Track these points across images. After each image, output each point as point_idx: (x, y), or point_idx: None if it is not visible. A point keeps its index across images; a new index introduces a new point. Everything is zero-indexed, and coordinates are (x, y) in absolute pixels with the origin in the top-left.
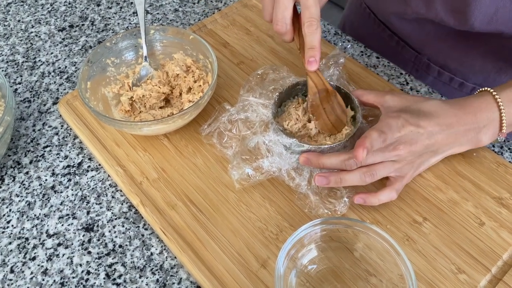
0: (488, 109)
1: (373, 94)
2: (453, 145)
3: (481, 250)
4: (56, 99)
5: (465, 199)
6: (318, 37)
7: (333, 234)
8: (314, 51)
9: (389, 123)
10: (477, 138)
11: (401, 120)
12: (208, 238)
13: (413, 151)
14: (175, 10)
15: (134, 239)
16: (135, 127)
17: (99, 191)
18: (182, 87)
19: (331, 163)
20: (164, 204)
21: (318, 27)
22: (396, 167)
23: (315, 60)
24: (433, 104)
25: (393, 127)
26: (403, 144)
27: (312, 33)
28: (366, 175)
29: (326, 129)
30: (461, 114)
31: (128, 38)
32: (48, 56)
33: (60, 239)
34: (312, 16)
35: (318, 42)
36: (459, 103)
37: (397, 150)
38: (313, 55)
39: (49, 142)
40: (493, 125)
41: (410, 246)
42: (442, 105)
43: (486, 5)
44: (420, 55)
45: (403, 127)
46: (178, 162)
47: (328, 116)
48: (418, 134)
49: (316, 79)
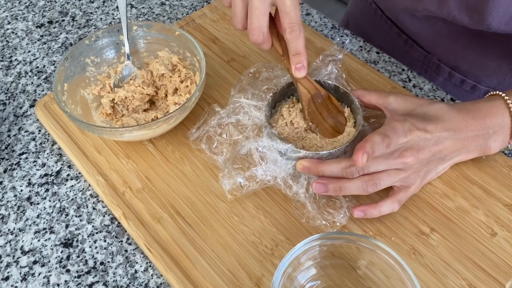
0: (499, 114)
1: (375, 94)
2: (461, 151)
3: (493, 263)
4: (34, 101)
5: (475, 206)
6: (302, 42)
7: (335, 250)
8: (300, 56)
9: (394, 127)
10: (486, 145)
11: (407, 124)
12: (197, 254)
13: (421, 158)
14: (161, 3)
15: (117, 255)
16: (115, 133)
17: (79, 202)
18: (168, 87)
19: (331, 171)
20: (148, 216)
21: (300, 31)
22: (401, 176)
23: (302, 66)
24: (439, 107)
25: (398, 131)
26: (410, 151)
27: (296, 39)
28: (368, 184)
29: (328, 134)
30: (469, 119)
31: (109, 35)
32: (25, 54)
33: (36, 256)
34: (293, 21)
35: (303, 47)
36: (467, 107)
37: (403, 158)
38: (299, 61)
39: (25, 148)
40: (503, 131)
41: (417, 260)
42: (449, 109)
43: (505, 4)
44: (429, 55)
45: (410, 132)
46: (164, 170)
47: (326, 121)
48: (425, 140)
49: (307, 84)
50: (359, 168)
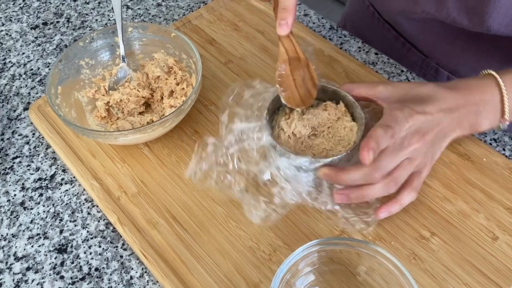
0: (488, 91)
1: (363, 87)
2: (457, 128)
3: (495, 268)
4: (28, 104)
5: (475, 210)
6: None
7: (334, 256)
8: (286, 12)
9: (395, 115)
10: (477, 121)
11: (406, 109)
12: (193, 260)
13: (427, 141)
14: (158, 4)
15: (112, 261)
16: (110, 137)
17: (74, 206)
18: (164, 90)
19: (354, 180)
20: (144, 222)
21: None
22: (414, 165)
23: (286, 23)
24: (430, 88)
25: (399, 119)
26: (416, 136)
27: None
28: (390, 186)
29: (293, 102)
30: (459, 96)
31: (104, 37)
32: (19, 56)
33: (30, 262)
34: None
35: (293, 4)
36: (457, 85)
37: (412, 145)
38: (284, 18)
39: (19, 152)
40: (493, 109)
41: (417, 265)
42: (440, 88)
43: (506, 6)
44: (428, 59)
45: (411, 117)
46: (160, 173)
47: (298, 89)
48: (427, 121)
49: (288, 44)
50: (383, 172)
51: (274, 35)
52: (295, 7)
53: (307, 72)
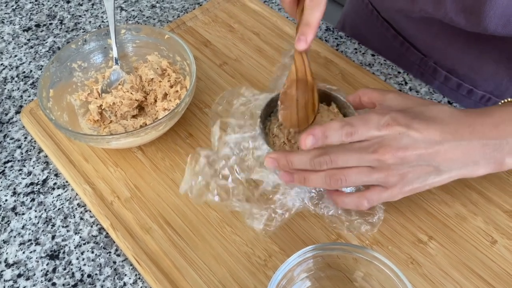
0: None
1: (376, 92)
2: (464, 163)
3: (493, 272)
4: (20, 107)
5: (473, 213)
6: (317, 15)
7: (331, 261)
8: (308, 28)
9: (367, 118)
10: (499, 158)
11: (386, 117)
12: (187, 266)
13: (401, 157)
14: (152, 6)
15: (105, 267)
16: (102, 141)
17: (66, 212)
18: (157, 93)
19: (300, 160)
20: (137, 227)
21: (321, 3)
22: (374, 177)
23: (305, 39)
24: (442, 109)
25: (370, 123)
26: (387, 148)
27: (313, 8)
28: (332, 179)
29: (289, 123)
30: (477, 124)
31: (97, 39)
32: (12, 59)
33: (21, 269)
34: None
35: (316, 21)
36: (476, 112)
37: (377, 154)
38: (304, 33)
39: (11, 156)
40: None
41: (415, 269)
42: (454, 112)
43: (503, 6)
44: (426, 58)
45: (387, 126)
46: (153, 178)
47: (298, 110)
48: (409, 138)
49: (300, 64)
50: (327, 159)
51: (270, 36)
52: (318, 24)
53: (311, 96)
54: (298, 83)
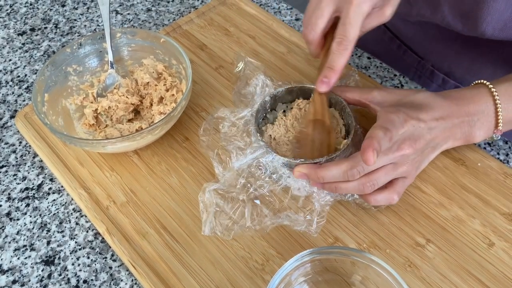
0: (482, 101)
1: (357, 91)
2: (449, 139)
3: (491, 275)
4: (14, 112)
5: (471, 216)
6: (343, 60)
7: (328, 265)
8: (331, 72)
9: (391, 119)
10: (471, 133)
11: (401, 114)
12: (184, 270)
13: (417, 148)
14: (147, 9)
15: (101, 273)
16: (97, 146)
17: (62, 217)
18: (153, 96)
19: (333, 176)
20: (133, 232)
21: (347, 49)
22: (398, 172)
23: (328, 82)
24: (424, 96)
25: (395, 123)
26: (407, 142)
27: (339, 53)
28: (365, 186)
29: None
30: (453, 105)
31: (92, 43)
32: (6, 63)
33: (16, 275)
34: (346, 35)
35: (341, 66)
36: (451, 95)
37: (401, 150)
38: (328, 76)
39: (5, 161)
40: (487, 119)
41: (412, 273)
42: (434, 97)
43: (500, 10)
44: (423, 61)
45: (406, 122)
46: (149, 182)
47: (312, 151)
48: (419, 129)
49: (319, 106)
50: (360, 169)
51: (265, 40)
52: (342, 69)
53: (326, 138)
54: (315, 124)
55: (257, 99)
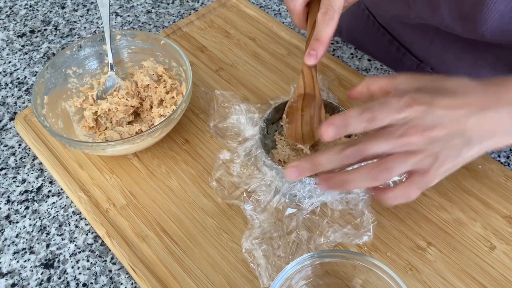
0: None
1: (385, 78)
2: (494, 132)
3: (493, 278)
4: (14, 114)
5: (472, 219)
6: (329, 31)
7: (329, 268)
8: (318, 43)
9: (386, 101)
10: None
11: (406, 98)
12: (184, 274)
13: (432, 137)
14: (147, 11)
15: (101, 276)
16: (97, 148)
17: (61, 219)
18: (153, 99)
19: (329, 160)
20: (133, 235)
21: (333, 18)
22: (412, 161)
23: (315, 54)
24: (459, 81)
25: (390, 106)
26: (414, 129)
27: (324, 23)
28: (377, 171)
29: (294, 137)
30: (503, 92)
31: (92, 45)
32: (6, 65)
33: (15, 278)
34: (331, 5)
35: (327, 36)
36: (497, 80)
37: (406, 136)
38: (315, 48)
39: (5, 164)
40: None
41: (414, 276)
42: (473, 83)
43: (499, 13)
44: (422, 64)
45: (407, 107)
46: (149, 185)
47: (302, 125)
48: (434, 116)
49: (308, 80)
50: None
51: (266, 42)
52: (329, 40)
53: (317, 112)
54: (305, 97)
55: (246, 128)
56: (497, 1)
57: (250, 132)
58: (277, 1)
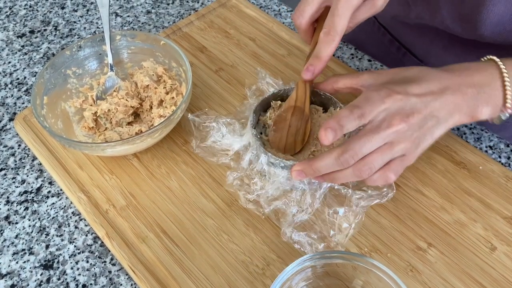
0: (488, 73)
1: (348, 77)
2: (454, 112)
3: (493, 279)
4: (13, 114)
5: (473, 220)
6: (329, 50)
7: (330, 269)
8: (317, 60)
9: (367, 96)
10: (476, 106)
11: (384, 90)
12: (184, 275)
13: (413, 123)
14: (147, 12)
15: (100, 277)
16: (97, 149)
17: (61, 220)
18: (153, 99)
19: (327, 165)
20: (133, 236)
21: (334, 40)
22: (395, 150)
23: (313, 70)
24: (419, 69)
25: (372, 99)
26: (398, 117)
27: (326, 43)
28: (362, 170)
29: (276, 145)
30: (455, 76)
31: (92, 45)
32: (5, 66)
33: (14, 279)
34: (334, 26)
35: (327, 55)
36: (453, 67)
37: (392, 126)
38: (313, 64)
39: (4, 164)
40: (494, 93)
41: (414, 277)
42: (430, 70)
43: (498, 14)
44: (422, 64)
45: (388, 97)
46: (149, 185)
47: (287, 136)
48: (410, 102)
49: (301, 94)
50: (352, 154)
51: (266, 42)
52: (328, 58)
53: (303, 126)
54: (294, 110)
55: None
56: (497, 2)
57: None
58: (277, 2)
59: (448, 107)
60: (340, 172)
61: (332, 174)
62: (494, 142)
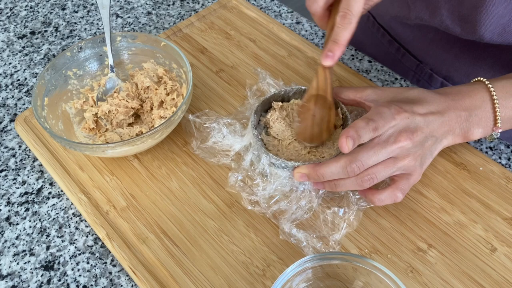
0: (479, 96)
1: (352, 90)
2: (448, 134)
3: (494, 280)
4: (14, 115)
5: (473, 221)
6: (347, 33)
7: (330, 271)
8: (335, 45)
9: (380, 111)
10: (469, 129)
11: (393, 106)
12: (184, 276)
13: (416, 140)
14: (148, 13)
15: (101, 278)
16: (98, 150)
17: (61, 221)
18: (153, 100)
19: (332, 172)
20: (133, 237)
21: (352, 22)
22: (399, 165)
23: (332, 56)
24: (419, 91)
25: (385, 114)
26: (404, 133)
27: (343, 27)
28: (363, 180)
29: (303, 136)
30: (449, 100)
31: (92, 46)
32: (6, 67)
33: (15, 280)
34: (350, 9)
35: (345, 39)
36: (446, 91)
37: (398, 142)
38: (332, 50)
39: (5, 165)
40: (485, 115)
41: (414, 278)
42: (429, 92)
43: (498, 15)
44: (422, 64)
45: (398, 114)
46: (150, 186)
47: (313, 126)
48: (415, 121)
49: (322, 82)
50: (359, 164)
51: (266, 43)
52: (346, 42)
53: (327, 114)
54: (317, 98)
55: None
56: (496, 3)
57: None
58: (277, 3)
59: (443, 128)
60: (342, 180)
61: (333, 181)
62: (494, 143)
